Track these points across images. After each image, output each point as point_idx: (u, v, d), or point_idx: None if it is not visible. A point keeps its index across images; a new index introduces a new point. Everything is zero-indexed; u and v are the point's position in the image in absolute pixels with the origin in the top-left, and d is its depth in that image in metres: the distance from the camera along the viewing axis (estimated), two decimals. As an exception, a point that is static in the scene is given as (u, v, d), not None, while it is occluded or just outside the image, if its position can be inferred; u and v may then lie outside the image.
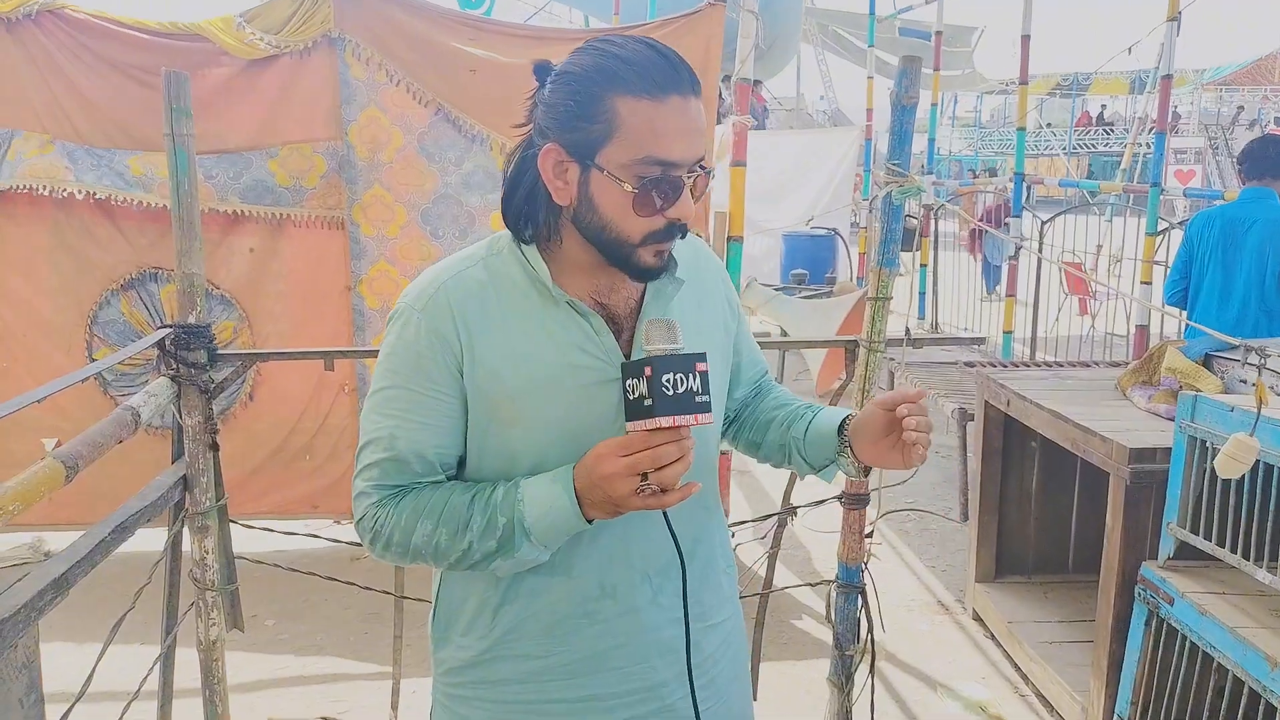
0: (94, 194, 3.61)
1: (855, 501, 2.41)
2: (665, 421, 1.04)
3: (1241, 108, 23.83)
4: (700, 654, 1.27)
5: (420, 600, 2.84)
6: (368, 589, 2.46)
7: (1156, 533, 2.48)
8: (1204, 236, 4.14)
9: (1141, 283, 6.03)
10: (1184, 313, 4.24)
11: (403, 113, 3.78)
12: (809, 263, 8.92)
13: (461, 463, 1.23)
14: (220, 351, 2.33)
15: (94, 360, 3.68)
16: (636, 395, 1.06)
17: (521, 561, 1.15)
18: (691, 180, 1.12)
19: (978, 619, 3.52)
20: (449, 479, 1.22)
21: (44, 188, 3.58)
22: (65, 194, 3.59)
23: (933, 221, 9.72)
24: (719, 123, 4.84)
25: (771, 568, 2.60)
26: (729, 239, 3.98)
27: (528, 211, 1.18)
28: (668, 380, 1.04)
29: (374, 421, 1.19)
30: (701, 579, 1.30)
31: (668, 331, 1.09)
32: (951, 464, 5.16)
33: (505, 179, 1.20)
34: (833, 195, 9.93)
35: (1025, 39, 7.04)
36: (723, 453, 4.20)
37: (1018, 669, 3.17)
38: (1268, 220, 3.87)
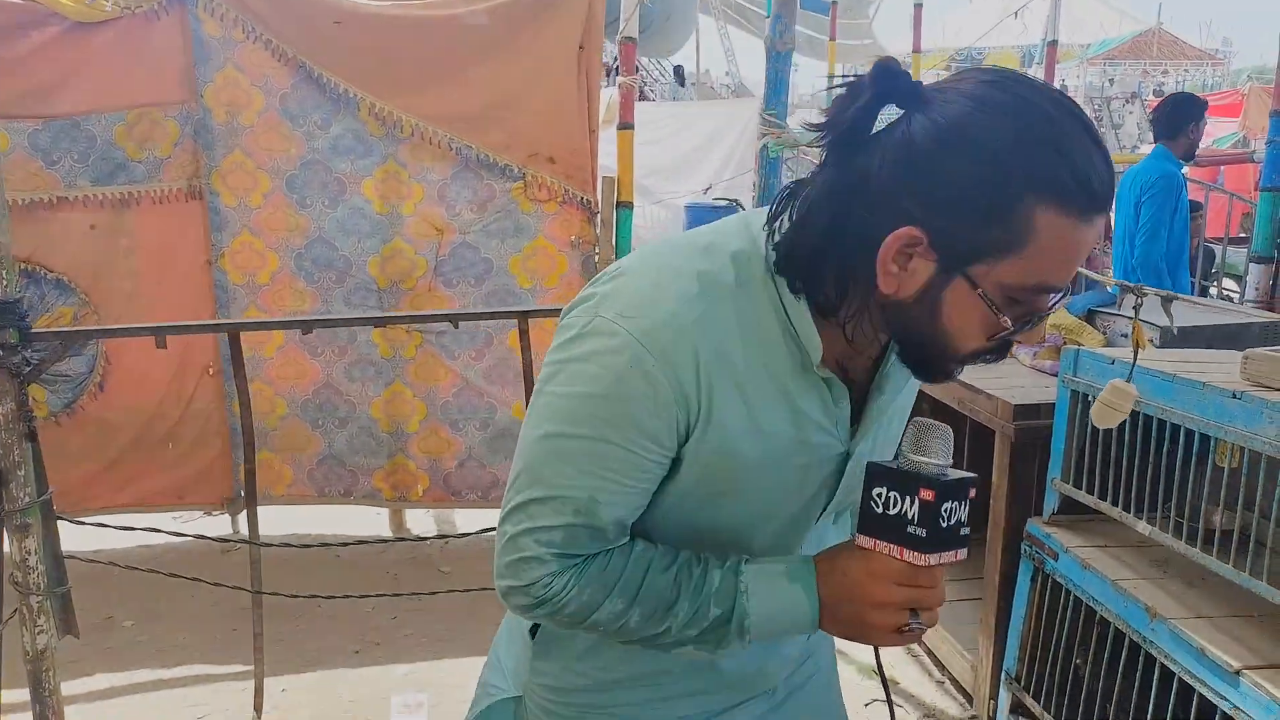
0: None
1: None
2: (933, 559, 0.91)
3: (1112, 80, 24.87)
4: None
5: (277, 595, 2.65)
6: (217, 584, 2.24)
7: (1042, 489, 2.46)
8: None
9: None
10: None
11: (263, 72, 3.51)
12: (711, 234, 8.86)
13: None
14: (36, 330, 2.08)
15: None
16: (896, 513, 0.91)
17: (717, 652, 1.02)
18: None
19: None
20: None
21: None
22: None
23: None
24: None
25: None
26: (618, 204, 3.85)
27: (818, 265, 0.90)
28: (947, 510, 0.89)
29: (562, 473, 0.93)
30: None
31: (945, 443, 0.91)
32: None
33: (798, 205, 0.90)
34: (735, 166, 9.90)
35: (918, 7, 7.09)
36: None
37: (912, 631, 3.15)
38: (1142, 173, 3.96)
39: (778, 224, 0.92)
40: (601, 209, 3.77)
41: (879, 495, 0.92)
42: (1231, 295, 6.34)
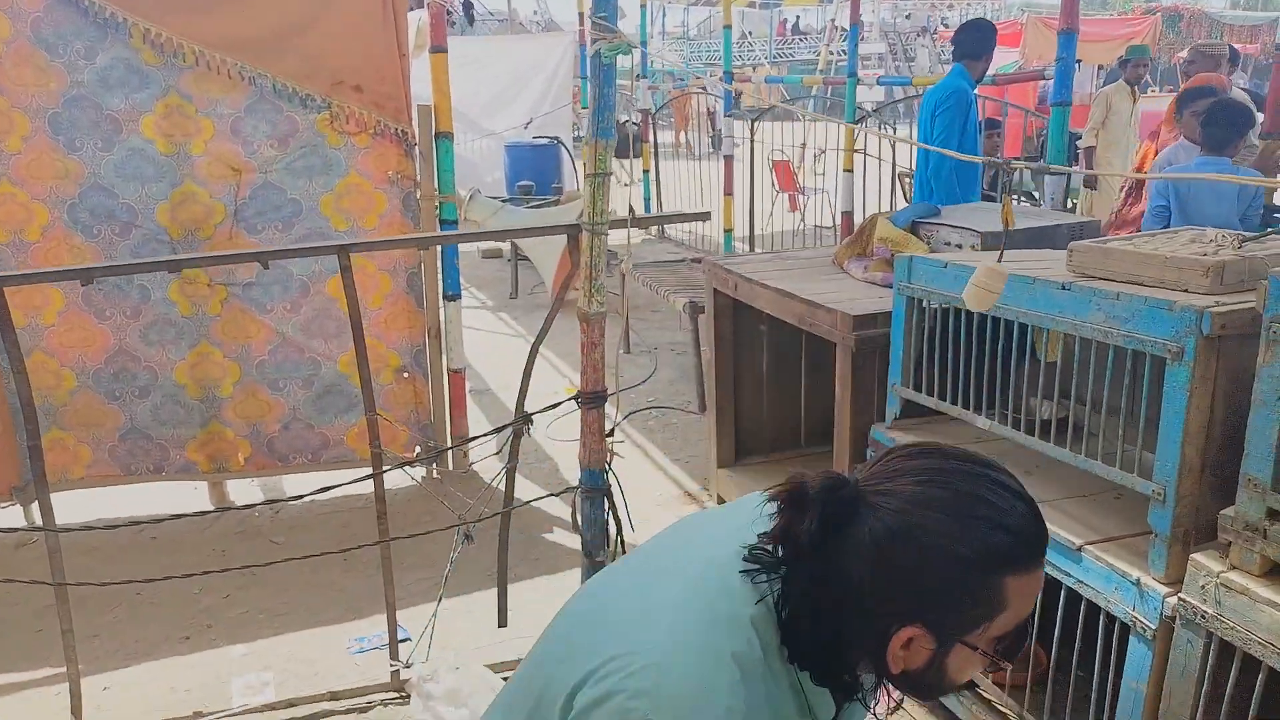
0: None
1: (593, 400, 2.24)
2: None
3: (908, 15, 26.28)
4: None
5: (84, 584, 2.36)
6: (8, 580, 1.96)
7: (883, 396, 2.52)
8: None
9: (844, 170, 6.36)
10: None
11: (6, -7, 3.03)
12: (534, 174, 8.64)
13: None
14: None
15: None
16: None
17: None
18: None
19: (723, 503, 3.54)
20: None
21: None
22: None
23: (652, 127, 9.76)
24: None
25: (511, 483, 2.39)
26: (437, 135, 3.62)
27: (831, 666, 1.00)
28: None
29: None
30: None
31: None
32: (686, 359, 5.21)
33: (792, 603, 0.98)
34: (551, 101, 9.68)
35: (724, -66, 7.09)
36: (456, 371, 3.87)
37: (765, 547, 3.21)
38: (937, 90, 4.19)
39: (780, 597, 0.99)
40: (420, 140, 3.53)
41: None
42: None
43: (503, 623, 2.46)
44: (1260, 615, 1.50)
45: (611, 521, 2.28)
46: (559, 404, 2.32)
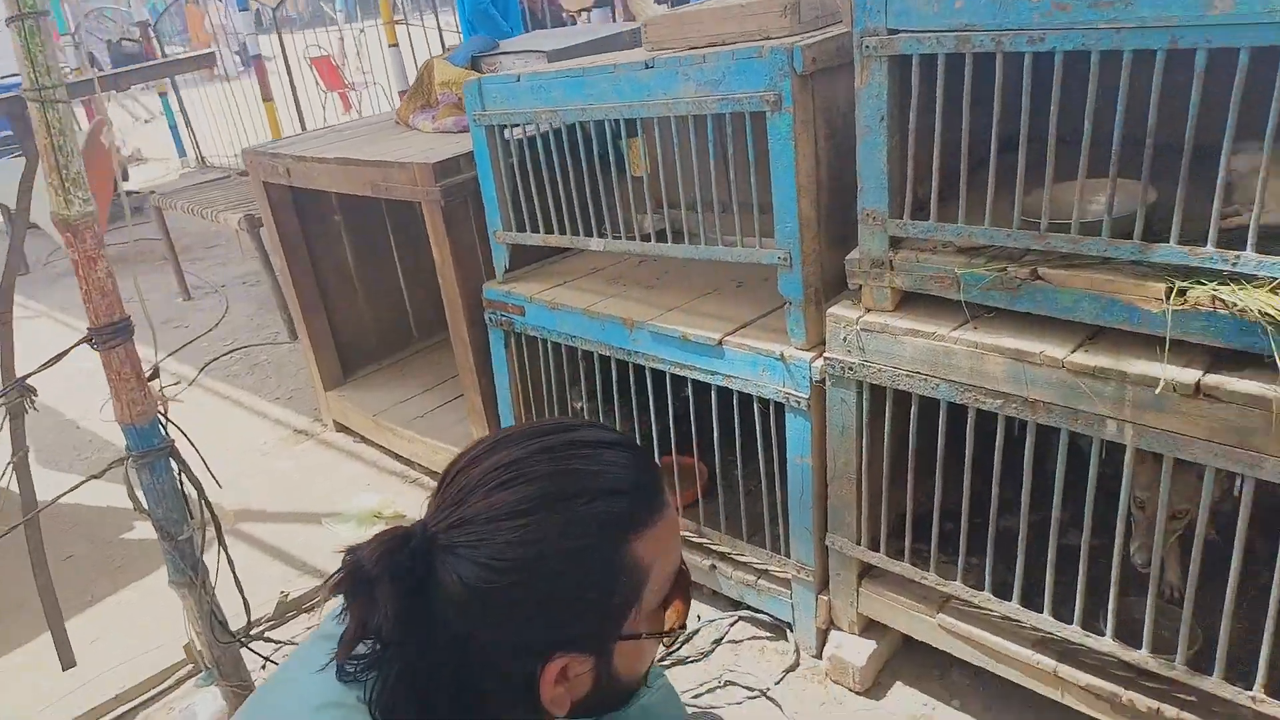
0: None
1: (111, 335, 1.65)
2: None
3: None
4: None
5: None
6: None
7: (488, 250, 2.22)
8: None
9: (390, 46, 5.87)
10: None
11: None
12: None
13: None
14: None
15: None
16: None
17: None
18: None
19: (343, 429, 3.09)
20: None
21: None
22: None
23: (156, 43, 8.29)
24: None
25: (25, 478, 1.74)
26: None
27: None
28: None
29: None
30: None
31: None
32: (262, 289, 4.52)
33: (390, 696, 0.79)
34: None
35: None
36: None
37: (399, 457, 2.84)
38: None
39: (377, 693, 0.80)
40: None
41: None
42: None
43: (68, 663, 1.84)
44: (902, 348, 1.45)
45: (188, 484, 1.76)
46: (66, 352, 1.70)
